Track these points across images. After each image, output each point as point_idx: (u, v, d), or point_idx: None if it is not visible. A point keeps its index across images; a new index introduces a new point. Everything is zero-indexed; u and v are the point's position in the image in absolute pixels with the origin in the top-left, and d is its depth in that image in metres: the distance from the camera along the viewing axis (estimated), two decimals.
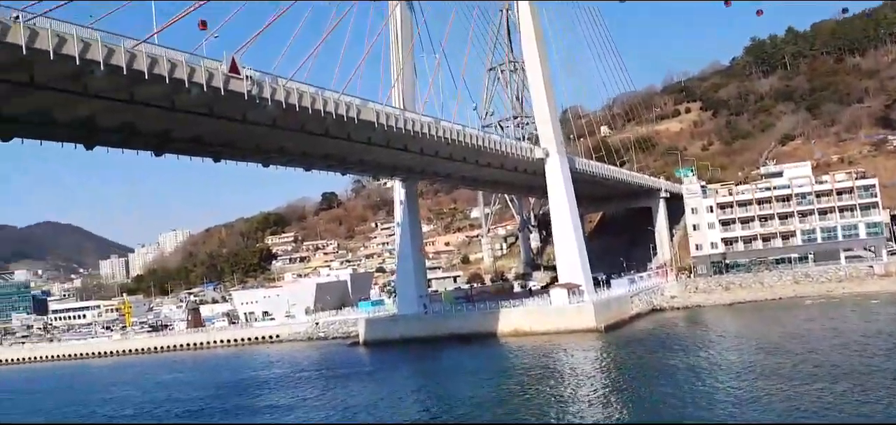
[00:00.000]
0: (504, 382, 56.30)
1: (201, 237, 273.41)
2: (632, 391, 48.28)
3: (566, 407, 44.55)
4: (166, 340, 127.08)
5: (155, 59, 42.85)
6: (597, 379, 55.11)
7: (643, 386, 49.15)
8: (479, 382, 57.05)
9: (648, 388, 48.03)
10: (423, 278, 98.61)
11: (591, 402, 45.31)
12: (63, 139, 52.90)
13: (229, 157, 66.07)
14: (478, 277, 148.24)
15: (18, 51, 36.10)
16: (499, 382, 56.27)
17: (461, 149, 76.18)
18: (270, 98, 50.72)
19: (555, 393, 49.28)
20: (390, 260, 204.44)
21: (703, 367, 53.10)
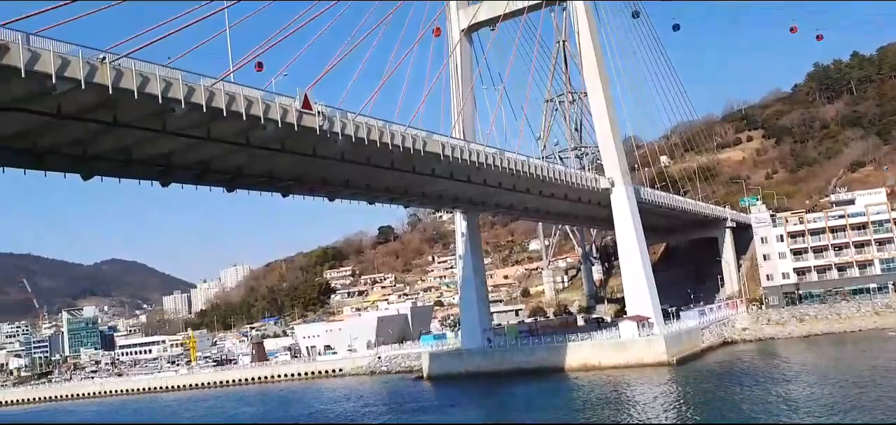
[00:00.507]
0: (579, 418, 54.78)
1: (262, 272, 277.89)
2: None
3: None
4: (231, 374, 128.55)
5: (232, 97, 43.58)
6: (674, 414, 53.27)
7: (725, 422, 47.21)
8: (554, 418, 55.70)
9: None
10: (487, 311, 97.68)
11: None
12: (140, 176, 54.08)
13: (297, 192, 66.81)
14: (540, 310, 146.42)
15: (105, 90, 37.04)
16: (573, 418, 54.77)
17: (525, 180, 75.49)
18: (341, 132, 51.05)
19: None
20: (448, 293, 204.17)
21: (793, 400, 51.11)
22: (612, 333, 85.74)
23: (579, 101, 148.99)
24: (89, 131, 43.22)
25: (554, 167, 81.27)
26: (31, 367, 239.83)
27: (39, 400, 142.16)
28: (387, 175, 65.28)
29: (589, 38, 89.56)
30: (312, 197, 70.23)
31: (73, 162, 47.53)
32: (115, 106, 40.86)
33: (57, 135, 43.35)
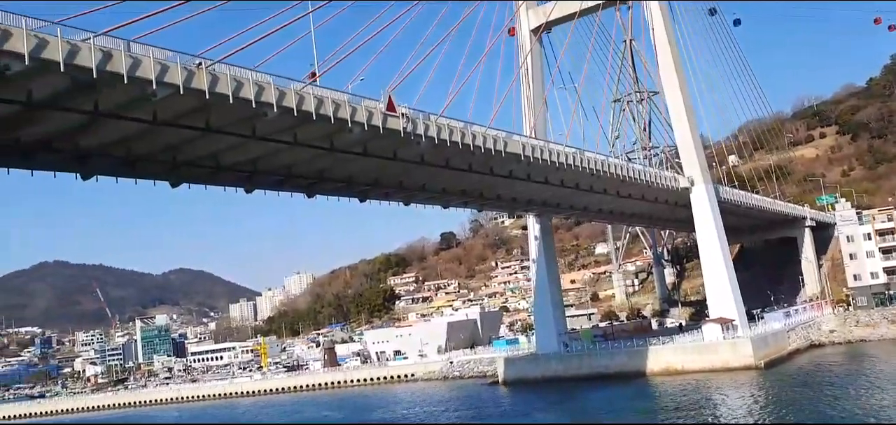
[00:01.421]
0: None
1: (327, 279, 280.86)
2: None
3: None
4: (304, 379, 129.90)
5: (321, 100, 43.57)
6: (771, 418, 50.98)
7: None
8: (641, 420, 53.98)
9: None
10: (562, 316, 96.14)
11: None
12: (226, 183, 54.76)
13: (374, 196, 66.67)
14: (612, 314, 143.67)
15: (202, 95, 37.35)
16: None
17: (603, 180, 73.90)
18: (424, 134, 50.65)
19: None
20: (513, 299, 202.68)
21: (890, 405, 48.16)
22: (694, 336, 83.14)
23: (648, 100, 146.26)
24: (182, 138, 43.82)
25: (633, 166, 79.41)
26: (106, 374, 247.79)
27: (119, 405, 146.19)
28: (464, 177, 64.70)
29: (664, 35, 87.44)
30: (388, 201, 69.98)
31: (164, 169, 48.35)
32: (208, 111, 41.28)
33: (151, 142, 44.04)
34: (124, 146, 43.76)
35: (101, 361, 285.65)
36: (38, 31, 31.96)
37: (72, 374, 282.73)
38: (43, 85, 34.38)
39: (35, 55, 31.14)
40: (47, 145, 41.24)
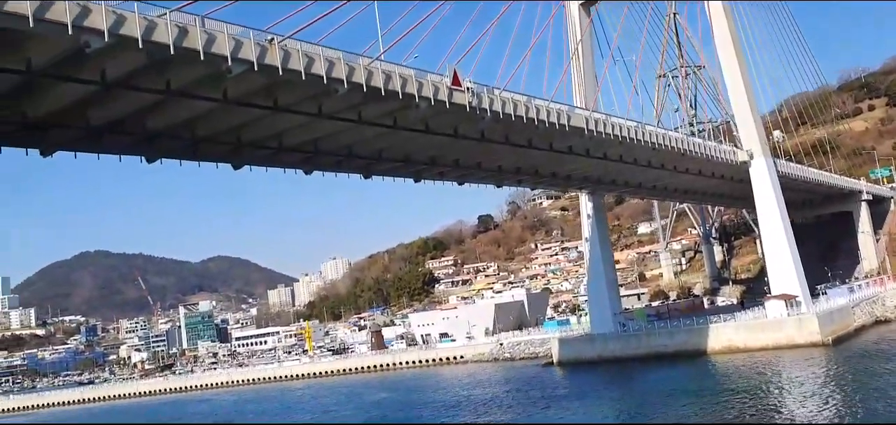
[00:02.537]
0: (747, 403, 51.26)
1: (365, 263, 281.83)
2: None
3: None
4: (352, 362, 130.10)
5: (389, 75, 42.58)
6: (842, 398, 49.12)
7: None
8: (717, 405, 52.35)
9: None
10: (617, 295, 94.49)
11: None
12: (287, 165, 54.14)
13: (428, 176, 65.81)
14: (661, 294, 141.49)
15: (274, 72, 36.57)
16: (741, 404, 51.27)
17: (663, 155, 72.04)
18: (489, 108, 49.41)
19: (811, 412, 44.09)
20: (555, 280, 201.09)
21: None
22: (756, 313, 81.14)
23: (694, 74, 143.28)
24: (249, 118, 43.21)
25: (693, 140, 77.32)
26: (152, 360, 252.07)
27: (170, 390, 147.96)
28: (523, 154, 63.42)
29: (719, 5, 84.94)
30: (442, 181, 69.13)
31: (226, 151, 47.86)
32: (276, 89, 40.57)
33: (216, 122, 43.46)
34: (190, 127, 43.30)
35: (146, 348, 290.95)
36: (114, 7, 31.41)
37: (118, 361, 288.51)
38: (117, 63, 33.85)
39: (114, 31, 30.54)
40: (115, 127, 40.91)
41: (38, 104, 36.43)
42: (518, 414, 54.39)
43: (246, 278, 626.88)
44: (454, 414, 58.61)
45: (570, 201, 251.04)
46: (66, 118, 38.43)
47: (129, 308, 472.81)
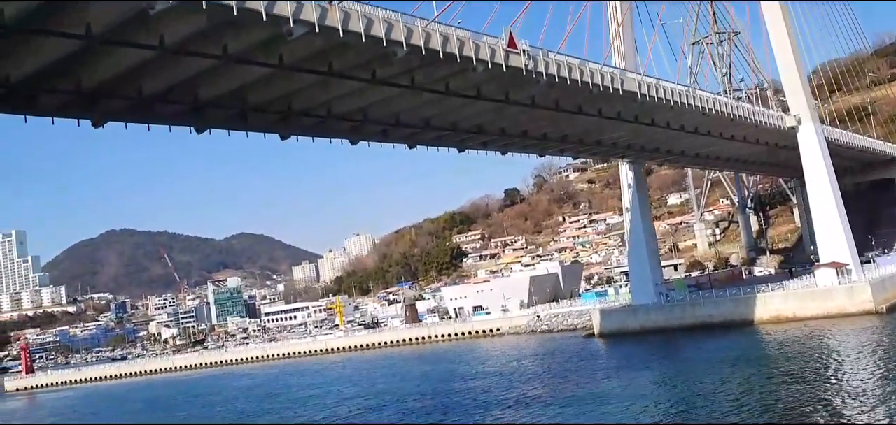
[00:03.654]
0: (804, 371, 49.90)
1: (392, 238, 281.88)
2: None
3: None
4: (386, 336, 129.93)
5: (447, 37, 41.29)
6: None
7: None
8: (774, 375, 51.04)
9: None
10: (658, 266, 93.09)
11: None
12: (334, 134, 53.24)
13: (473, 146, 64.68)
14: (698, 265, 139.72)
15: (335, 34, 35.46)
16: (798, 372, 49.91)
17: (711, 121, 70.24)
18: (545, 71, 48.00)
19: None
20: (584, 252, 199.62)
21: None
22: (805, 282, 79.47)
23: (728, 41, 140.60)
24: (301, 85, 42.23)
25: (742, 105, 75.34)
26: (183, 336, 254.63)
27: (204, 365, 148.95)
28: (571, 121, 61.84)
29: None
30: (485, 151, 67.94)
31: (275, 120, 46.93)
32: (332, 54, 39.46)
33: (267, 91, 42.56)
34: (241, 96, 42.45)
35: (175, 324, 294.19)
36: None
37: (148, 337, 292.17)
38: (177, 28, 32.91)
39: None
40: (166, 96, 40.17)
41: (92, 72, 35.70)
42: (582, 386, 53.29)
43: (270, 255, 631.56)
44: (518, 386, 57.42)
45: (596, 174, 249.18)
46: (119, 87, 37.71)
47: (155, 285, 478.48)
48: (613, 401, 47.24)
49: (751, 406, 41.69)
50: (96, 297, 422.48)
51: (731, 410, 40.93)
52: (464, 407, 51.27)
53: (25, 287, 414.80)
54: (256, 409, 65.28)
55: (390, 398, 57.36)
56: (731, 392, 47.03)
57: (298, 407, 62.00)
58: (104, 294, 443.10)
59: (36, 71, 33.97)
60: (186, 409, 70.53)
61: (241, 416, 61.97)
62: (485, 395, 55.08)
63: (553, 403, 49.01)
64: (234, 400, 72.36)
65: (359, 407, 57.71)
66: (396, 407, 53.52)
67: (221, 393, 70.81)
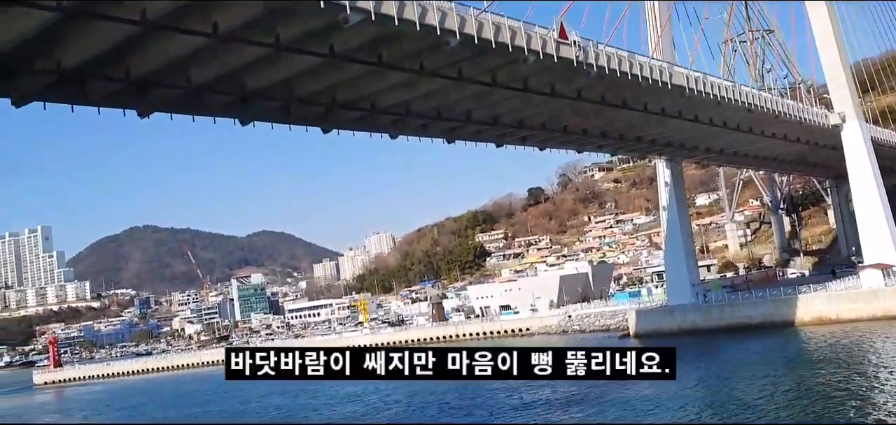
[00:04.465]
0: (850, 373, 48.45)
1: (414, 237, 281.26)
2: None
3: None
4: (412, 334, 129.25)
5: (499, 27, 40.37)
6: None
7: None
8: (820, 376, 49.59)
9: None
10: (695, 266, 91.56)
11: None
12: (376, 129, 52.81)
13: (512, 141, 63.93)
14: (730, 265, 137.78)
15: (390, 22, 34.67)
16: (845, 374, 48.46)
17: (755, 117, 68.81)
18: (595, 63, 46.94)
19: None
20: (611, 253, 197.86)
21: None
22: (849, 283, 77.72)
23: (762, 39, 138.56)
24: (348, 76, 41.58)
25: (786, 102, 73.79)
26: (207, 332, 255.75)
27: None
28: (615, 115, 60.87)
29: None
30: (523, 147, 67.20)
31: (319, 113, 46.51)
32: (381, 44, 38.76)
33: (315, 82, 42.05)
34: (287, 87, 41.94)
35: (198, 320, 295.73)
36: None
37: (171, 333, 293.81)
38: (232, 14, 32.33)
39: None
40: (213, 87, 39.70)
41: (143, 60, 35.28)
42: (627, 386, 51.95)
43: (290, 253, 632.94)
44: (554, 385, 56.14)
45: (622, 173, 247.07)
46: (168, 76, 37.31)
47: (178, 281, 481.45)
48: (666, 403, 46.08)
49: (806, 408, 40.47)
50: (120, 293, 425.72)
51: (789, 415, 39.68)
52: (501, 405, 50.33)
53: (50, 282, 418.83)
54: (292, 405, 64.65)
55: (431, 396, 56.38)
56: (780, 394, 45.74)
57: (339, 403, 61.27)
58: (127, 290, 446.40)
59: (87, 57, 33.60)
60: (221, 405, 70.00)
61: (279, 414, 61.38)
62: (522, 393, 54.04)
63: (595, 404, 47.91)
64: (268, 396, 71.66)
65: (398, 403, 56.84)
66: (438, 407, 52.56)
67: (255, 388, 70.02)
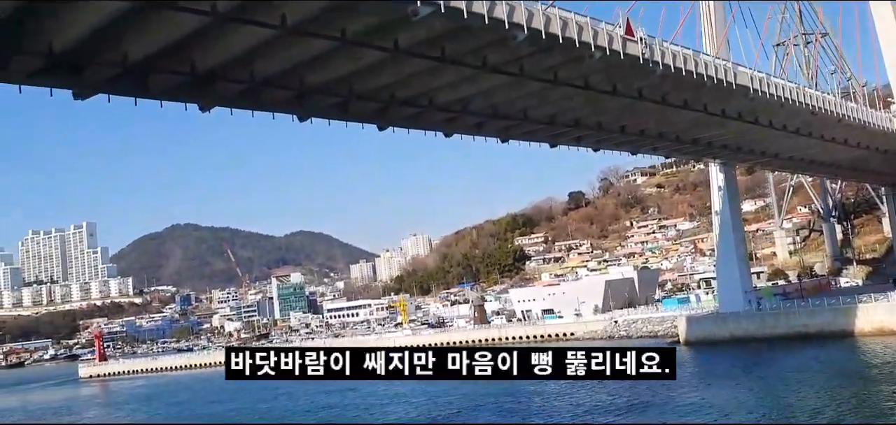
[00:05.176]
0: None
1: (452, 239, 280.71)
2: None
3: None
4: (454, 336, 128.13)
5: (566, 22, 39.39)
6: None
7: None
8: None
9: None
10: (748, 273, 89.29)
11: None
12: (430, 127, 52.29)
13: (566, 142, 62.72)
14: (780, 273, 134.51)
15: (459, 15, 33.92)
16: None
17: (819, 121, 66.63)
18: (661, 61, 45.68)
19: None
20: (654, 259, 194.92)
21: None
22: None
23: (815, 42, 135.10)
24: (409, 72, 40.97)
25: (850, 105, 71.46)
26: (246, 330, 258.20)
27: None
28: (672, 116, 59.27)
29: None
30: (577, 147, 65.97)
31: (376, 110, 45.96)
32: (445, 39, 38.00)
33: (374, 78, 41.47)
34: (347, 84, 41.50)
35: (238, 318, 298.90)
36: None
37: (211, 330, 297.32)
38: (299, 7, 31.87)
39: None
40: (275, 82, 39.41)
41: (208, 54, 35.07)
42: (683, 394, 50.64)
43: (327, 253, 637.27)
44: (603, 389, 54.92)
45: (665, 178, 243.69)
46: (232, 70, 37.10)
47: (217, 279, 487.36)
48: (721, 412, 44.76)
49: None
50: (161, 289, 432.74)
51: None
52: (551, 410, 49.52)
53: (94, 277, 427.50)
54: (340, 403, 64.40)
55: (483, 398, 55.68)
56: (845, 406, 44.29)
57: (387, 403, 60.87)
58: (168, 286, 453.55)
59: (153, 50, 33.43)
60: (270, 403, 69.99)
61: (328, 414, 61.18)
62: (578, 395, 53.02)
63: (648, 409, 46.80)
64: (314, 394, 71.58)
65: (450, 405, 56.20)
66: (493, 408, 51.84)
67: (303, 387, 69.96)
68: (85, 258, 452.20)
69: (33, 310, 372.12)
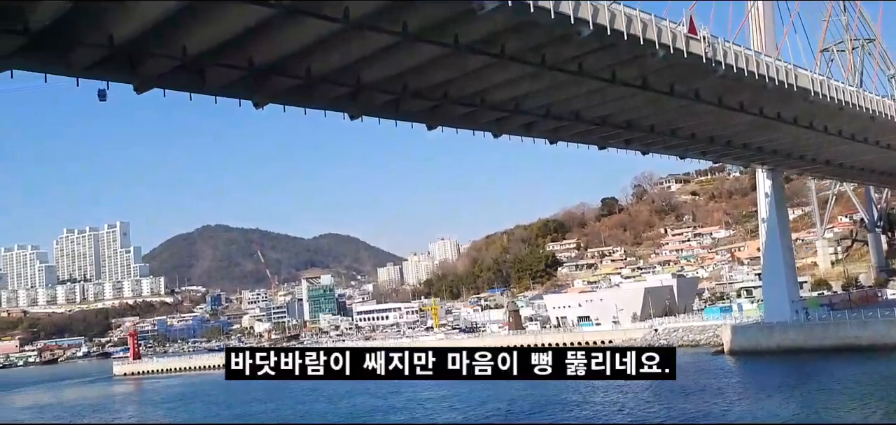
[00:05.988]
0: None
1: (482, 244, 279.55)
2: None
3: None
4: (487, 341, 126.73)
5: (631, 19, 38.22)
6: None
7: None
8: None
9: None
10: (796, 283, 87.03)
11: None
12: (480, 127, 51.47)
13: (616, 144, 61.96)
14: (823, 284, 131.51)
15: (526, 10, 32.94)
16: None
17: (876, 126, 64.72)
18: (723, 61, 44.32)
19: None
20: (689, 267, 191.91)
21: None
22: None
23: (862, 48, 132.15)
24: (470, 67, 40.09)
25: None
26: (276, 331, 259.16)
27: None
28: (726, 119, 57.76)
29: None
30: (626, 150, 64.72)
31: (427, 108, 45.30)
32: (505, 35, 37.11)
33: (429, 75, 40.80)
34: (400, 81, 40.84)
35: (267, 319, 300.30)
36: None
37: (241, 330, 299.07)
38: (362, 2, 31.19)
39: None
40: (331, 78, 38.76)
41: (267, 48, 34.53)
42: (734, 404, 49.19)
43: (354, 256, 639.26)
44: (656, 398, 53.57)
45: (700, 185, 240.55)
46: (289, 66, 36.60)
47: (246, 280, 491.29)
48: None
49: None
50: (192, 289, 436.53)
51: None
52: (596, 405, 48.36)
53: (127, 276, 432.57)
54: (382, 406, 63.72)
55: (528, 403, 54.67)
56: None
57: (430, 407, 60.04)
58: (198, 286, 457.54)
59: (212, 44, 32.91)
60: (309, 406, 69.51)
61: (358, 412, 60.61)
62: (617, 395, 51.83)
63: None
64: (349, 396, 71.04)
65: (494, 407, 55.27)
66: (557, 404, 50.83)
67: (341, 388, 69.49)
68: (118, 257, 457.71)
69: (67, 308, 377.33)
